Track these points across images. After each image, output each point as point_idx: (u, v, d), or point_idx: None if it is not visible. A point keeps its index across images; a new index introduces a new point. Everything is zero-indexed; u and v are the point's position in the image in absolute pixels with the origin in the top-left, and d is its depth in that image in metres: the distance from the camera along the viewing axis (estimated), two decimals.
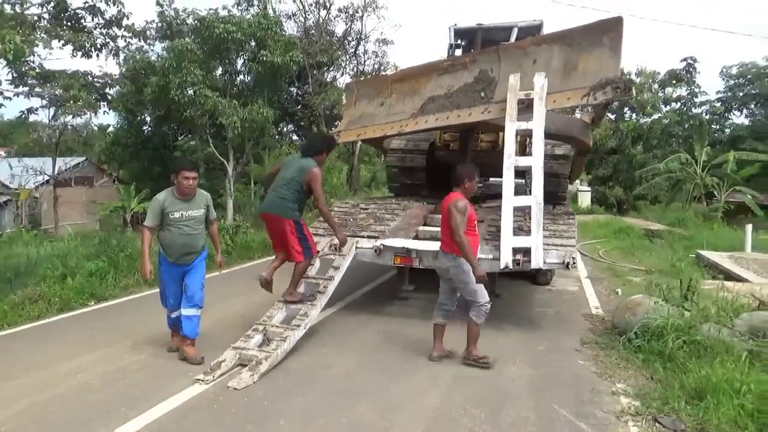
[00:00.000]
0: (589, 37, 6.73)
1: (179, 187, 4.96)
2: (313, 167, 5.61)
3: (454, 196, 5.05)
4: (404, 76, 8.47)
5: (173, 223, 4.94)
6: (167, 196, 4.98)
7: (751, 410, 3.85)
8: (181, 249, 5.00)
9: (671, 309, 5.59)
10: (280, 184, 5.65)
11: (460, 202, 4.94)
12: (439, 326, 5.36)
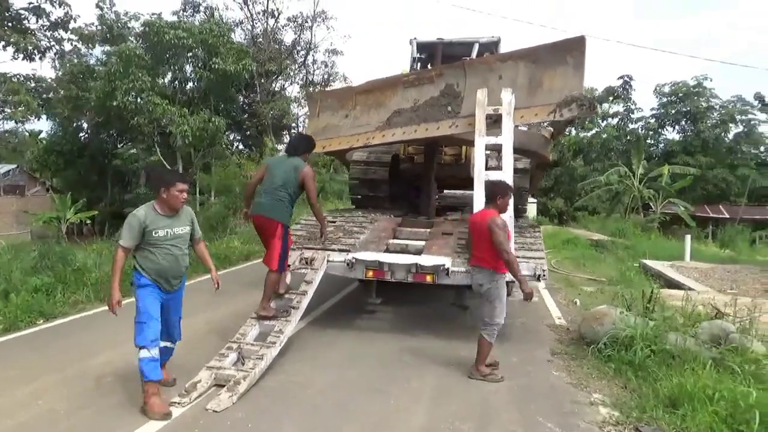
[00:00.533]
0: (554, 55, 6.93)
1: (170, 202, 4.39)
2: (305, 166, 5.67)
3: (489, 214, 5.09)
4: (369, 89, 8.46)
5: (157, 242, 4.36)
6: (148, 212, 4.36)
7: (725, 416, 4.01)
8: (168, 272, 4.46)
9: (637, 319, 5.79)
10: (276, 186, 5.58)
11: (499, 220, 4.97)
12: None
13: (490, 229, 4.94)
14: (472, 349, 5.92)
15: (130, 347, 5.73)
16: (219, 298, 8.50)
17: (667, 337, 5.44)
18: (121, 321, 6.97)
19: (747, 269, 13.50)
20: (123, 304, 4.51)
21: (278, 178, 5.61)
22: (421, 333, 6.60)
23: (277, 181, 5.59)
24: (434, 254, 6.38)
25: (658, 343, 5.38)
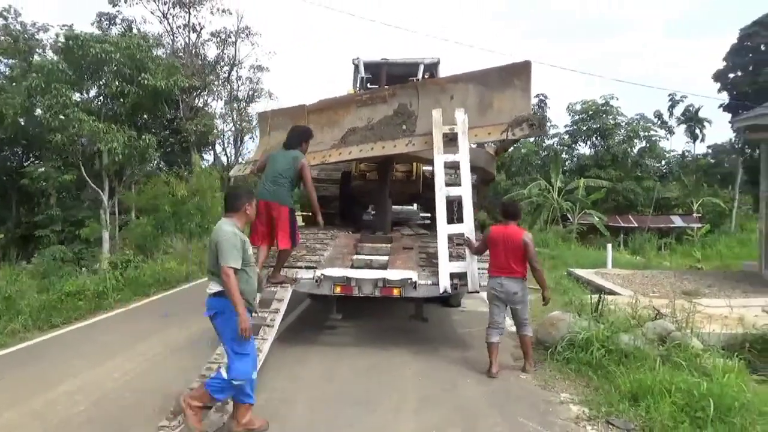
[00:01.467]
0: (502, 78, 7.38)
1: (250, 217, 4.36)
2: (303, 158, 6.26)
3: (519, 230, 5.89)
4: (322, 107, 8.61)
5: (249, 260, 4.15)
6: (236, 229, 4.12)
7: (682, 406, 4.47)
8: (255, 292, 4.29)
9: (591, 323, 6.26)
10: (276, 174, 6.12)
11: (530, 235, 5.84)
12: (495, 345, 5.85)
13: (526, 244, 5.74)
14: (442, 359, 6.19)
15: (93, 375, 5.64)
16: (169, 321, 8.33)
17: (619, 337, 5.92)
18: (71, 348, 6.80)
19: (662, 274, 14.63)
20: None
21: (279, 166, 6.19)
22: (388, 346, 6.77)
23: (278, 169, 6.16)
24: (399, 268, 6.59)
25: (611, 344, 5.85)
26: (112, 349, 6.73)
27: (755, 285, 12.29)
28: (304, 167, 6.20)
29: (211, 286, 4.15)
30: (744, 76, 31.79)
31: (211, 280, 4.18)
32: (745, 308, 8.37)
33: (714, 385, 4.59)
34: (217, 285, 4.09)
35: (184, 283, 12.54)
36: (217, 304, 4.09)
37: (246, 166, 8.82)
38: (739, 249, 21.24)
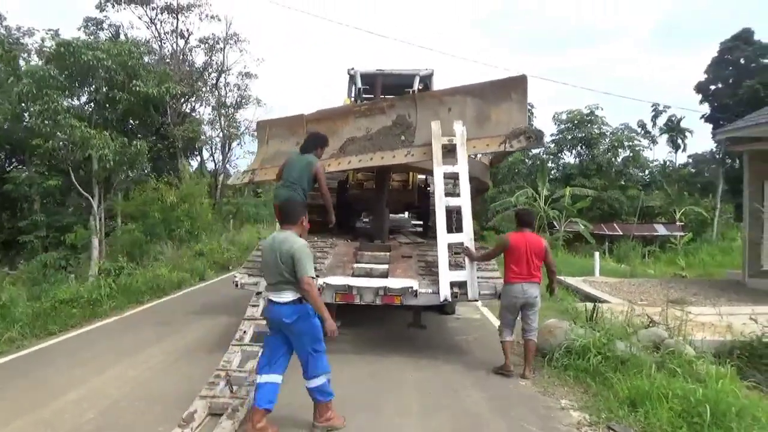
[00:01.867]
0: (499, 92, 7.55)
1: (303, 230, 4.60)
2: (316, 162, 6.71)
3: (538, 236, 6.41)
4: (320, 117, 8.72)
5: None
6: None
7: (680, 411, 4.62)
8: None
9: (587, 330, 6.43)
10: (292, 179, 6.63)
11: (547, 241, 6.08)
12: (509, 343, 6.20)
13: (547, 249, 6.15)
14: (441, 366, 6.29)
15: (98, 383, 5.66)
16: (167, 329, 8.35)
17: (615, 344, 6.08)
18: (72, 356, 6.80)
19: (648, 282, 14.92)
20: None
21: (294, 171, 6.68)
22: (388, 353, 6.86)
23: (293, 174, 6.66)
24: (399, 277, 6.71)
25: (608, 351, 6.02)
26: (113, 357, 6.75)
27: (739, 293, 12.59)
28: (318, 171, 6.71)
29: (284, 295, 4.33)
30: (725, 89, 32.53)
31: (281, 289, 4.34)
32: (733, 316, 8.61)
33: (709, 391, 4.75)
34: (291, 293, 4.32)
35: (177, 290, 12.50)
36: (296, 311, 4.31)
37: (245, 175, 8.89)
38: (721, 257, 21.67)
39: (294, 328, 4.32)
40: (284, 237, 4.42)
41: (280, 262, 4.29)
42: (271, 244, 4.43)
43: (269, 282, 4.47)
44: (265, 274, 4.58)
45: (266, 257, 4.45)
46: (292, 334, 4.37)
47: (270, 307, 4.42)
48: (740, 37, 31.60)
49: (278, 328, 4.41)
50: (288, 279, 4.29)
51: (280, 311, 4.32)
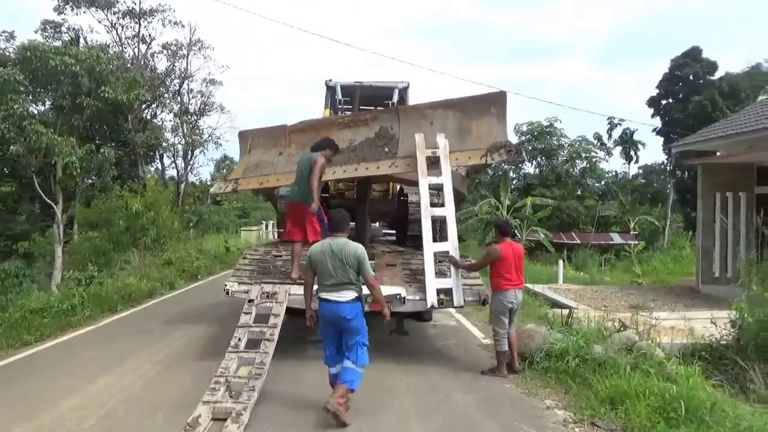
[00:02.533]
0: (479, 107, 7.91)
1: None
2: (318, 156, 6.93)
3: (518, 243, 6.88)
4: (303, 128, 8.90)
5: None
6: None
7: (657, 408, 4.98)
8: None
9: (564, 335, 6.78)
10: (301, 177, 6.98)
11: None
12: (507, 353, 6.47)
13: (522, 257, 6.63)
14: (428, 370, 6.53)
15: (92, 391, 5.68)
16: (148, 338, 8.31)
17: (592, 348, 6.45)
18: (56, 366, 6.75)
19: (608, 289, 15.54)
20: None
21: (302, 168, 7.02)
22: (374, 360, 6.94)
23: (301, 174, 7.00)
24: (386, 284, 6.91)
25: (585, 354, 6.38)
26: (100, 366, 6.73)
27: (694, 299, 13.31)
28: (316, 164, 6.87)
29: (345, 294, 4.95)
30: (675, 103, 34.05)
31: (343, 289, 4.95)
32: (691, 320, 9.15)
33: (682, 389, 5.14)
34: (353, 293, 4.98)
35: (149, 299, 12.35)
36: (356, 308, 5.00)
37: (228, 183, 8.94)
38: (672, 265, 22.66)
39: (352, 323, 4.93)
40: (343, 243, 5.01)
41: (346, 265, 4.91)
42: (331, 250, 4.96)
43: (328, 283, 4.96)
44: (322, 277, 5.01)
45: (325, 262, 4.95)
46: (348, 329, 4.95)
47: (328, 305, 4.93)
48: (690, 54, 33.24)
49: (333, 324, 4.99)
50: (351, 280, 4.92)
51: (343, 309, 4.90)
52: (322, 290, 5.04)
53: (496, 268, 6.48)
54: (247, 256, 7.93)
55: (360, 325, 5.01)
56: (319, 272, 5.06)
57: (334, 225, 5.28)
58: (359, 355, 4.98)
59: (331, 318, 4.96)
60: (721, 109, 31.20)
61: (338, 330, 5.02)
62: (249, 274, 7.13)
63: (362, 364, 5.01)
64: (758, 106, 17.06)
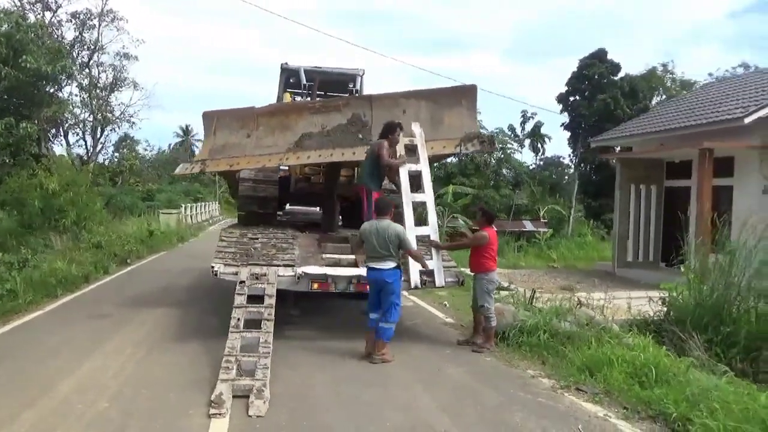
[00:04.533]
0: (450, 98, 8.34)
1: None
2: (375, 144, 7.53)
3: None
4: (273, 111, 8.93)
5: None
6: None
7: (629, 374, 5.66)
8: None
9: (531, 312, 7.40)
10: (365, 163, 7.75)
11: None
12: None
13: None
14: (412, 348, 6.90)
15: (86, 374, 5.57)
16: (108, 323, 8.00)
17: (560, 323, 7.10)
18: (28, 350, 6.42)
19: (535, 273, 16.67)
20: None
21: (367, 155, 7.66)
22: (356, 340, 7.29)
23: (367, 159, 7.66)
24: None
25: (552, 329, 7.01)
26: (76, 350, 6.48)
27: (612, 281, 14.59)
28: (379, 148, 7.37)
29: (387, 263, 6.26)
30: (582, 100, 36.41)
31: (385, 259, 6.26)
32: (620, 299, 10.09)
33: (649, 357, 5.85)
34: (393, 262, 6.29)
35: (87, 284, 11.72)
36: (395, 274, 6.32)
37: (195, 164, 8.75)
38: (577, 251, 24.55)
39: (392, 286, 6.26)
40: (387, 224, 6.33)
41: (388, 242, 6.21)
42: (377, 230, 6.28)
43: (373, 256, 6.30)
44: (369, 251, 6.34)
45: (371, 239, 6.27)
46: (386, 290, 6.25)
47: (372, 272, 6.34)
48: (596, 55, 35.62)
49: (377, 286, 6.33)
50: (391, 253, 6.26)
51: (384, 274, 6.24)
52: (369, 260, 6.39)
53: (485, 252, 6.95)
54: (224, 238, 7.85)
55: (396, 288, 6.33)
56: (367, 246, 6.38)
57: (378, 209, 6.50)
58: (393, 314, 6.28)
59: (374, 281, 6.34)
60: (622, 108, 33.81)
61: (379, 290, 6.30)
62: (232, 256, 7.13)
63: (394, 320, 6.32)
64: (668, 104, 18.82)
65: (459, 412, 4.88)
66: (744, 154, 12.86)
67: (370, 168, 7.58)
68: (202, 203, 38.35)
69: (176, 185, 45.62)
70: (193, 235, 25.55)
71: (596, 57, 36.07)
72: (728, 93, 15.29)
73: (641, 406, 5.04)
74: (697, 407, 4.70)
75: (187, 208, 31.29)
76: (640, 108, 35.18)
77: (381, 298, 6.31)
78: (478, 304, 7.01)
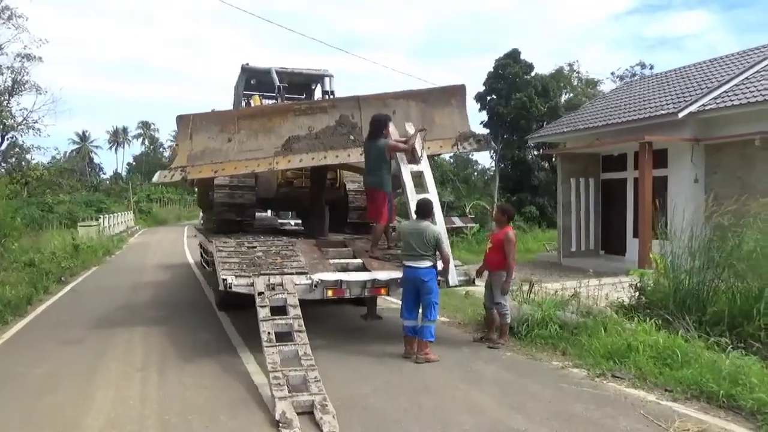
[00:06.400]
0: (440, 98, 8.39)
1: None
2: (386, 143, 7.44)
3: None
4: (254, 114, 8.60)
5: None
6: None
7: (654, 357, 5.95)
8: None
9: (532, 306, 7.59)
10: (372, 165, 7.59)
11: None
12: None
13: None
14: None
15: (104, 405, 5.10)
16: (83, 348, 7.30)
17: (564, 315, 7.34)
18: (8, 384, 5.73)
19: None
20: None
21: (372, 157, 7.56)
22: (369, 343, 7.17)
23: (371, 160, 7.57)
24: (378, 269, 7.08)
25: (558, 320, 7.23)
26: (74, 379, 5.86)
27: (561, 270, 15.36)
28: (391, 148, 7.45)
29: (424, 263, 6.39)
30: (499, 99, 37.87)
31: (423, 259, 6.39)
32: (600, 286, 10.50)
33: (669, 341, 6.16)
34: (429, 261, 6.41)
35: (31, 306, 10.63)
36: (431, 272, 6.44)
37: (173, 172, 8.17)
38: None
39: (429, 285, 6.38)
40: (426, 225, 6.51)
41: (426, 242, 6.36)
42: (417, 230, 6.46)
43: (411, 254, 6.41)
44: (407, 249, 6.47)
45: (410, 238, 6.43)
46: (424, 289, 6.36)
47: (411, 271, 6.43)
48: (511, 55, 37.19)
49: (414, 285, 6.42)
50: (429, 253, 6.39)
51: (422, 273, 6.36)
52: (407, 259, 6.50)
53: (507, 251, 7.00)
54: (222, 249, 7.40)
55: (434, 286, 6.45)
56: (404, 245, 6.58)
57: (420, 210, 6.63)
58: (433, 312, 6.39)
59: (412, 279, 6.43)
60: (536, 106, 35.57)
61: (416, 289, 6.41)
62: (240, 267, 6.74)
63: (434, 318, 6.42)
64: (598, 102, 19.91)
65: (522, 407, 4.92)
66: (677, 146, 13.92)
67: (381, 169, 7.51)
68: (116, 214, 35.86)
69: (75, 195, 42.39)
70: (117, 247, 23.94)
71: (511, 57, 37.63)
72: (656, 89, 16.48)
73: (681, 387, 5.29)
74: (737, 384, 5.03)
75: (105, 219, 29.26)
76: (551, 105, 37.18)
77: (420, 297, 6.43)
78: (494, 301, 7.09)
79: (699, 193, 13.49)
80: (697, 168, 13.70)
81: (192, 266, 16.47)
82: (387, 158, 7.52)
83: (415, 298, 6.48)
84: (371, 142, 7.53)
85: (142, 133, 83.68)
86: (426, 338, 6.34)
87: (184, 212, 52.87)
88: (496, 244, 7.16)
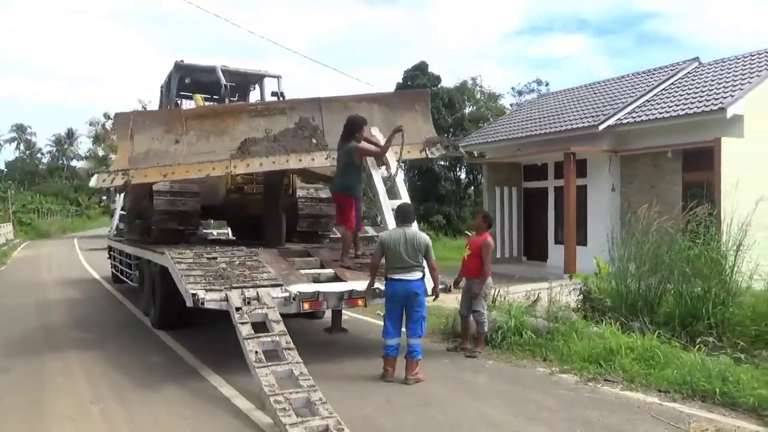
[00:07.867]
0: (403, 102, 8.22)
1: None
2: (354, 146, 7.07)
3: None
4: (204, 113, 8.00)
5: None
6: None
7: (639, 359, 6.08)
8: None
9: (499, 313, 7.57)
10: (341, 168, 7.23)
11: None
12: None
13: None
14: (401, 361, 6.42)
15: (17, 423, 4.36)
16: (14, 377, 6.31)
17: (535, 321, 7.37)
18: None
19: None
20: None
21: (341, 162, 7.19)
22: (343, 358, 6.78)
23: (341, 164, 7.21)
24: (353, 279, 6.72)
25: (530, 327, 7.24)
26: (17, 418, 4.98)
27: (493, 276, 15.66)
28: (356, 150, 7.05)
29: (415, 274, 5.86)
30: None
31: (414, 270, 5.86)
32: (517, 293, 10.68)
33: (646, 342, 6.34)
34: (420, 273, 5.89)
35: None
36: (422, 285, 5.93)
37: (115, 175, 7.29)
38: None
39: (420, 298, 5.87)
40: (414, 232, 5.99)
41: (417, 250, 5.84)
42: (405, 238, 5.85)
43: (399, 266, 5.81)
44: (395, 261, 5.84)
45: (398, 248, 5.80)
46: (413, 303, 5.84)
47: (401, 284, 5.82)
48: (419, 67, 38.01)
49: (403, 299, 5.86)
50: (419, 263, 5.88)
51: (413, 286, 5.82)
52: (394, 272, 5.86)
53: (485, 258, 6.90)
54: (181, 260, 6.64)
55: (424, 300, 5.96)
56: (391, 256, 5.87)
57: (405, 215, 6.10)
58: (422, 327, 5.89)
59: (403, 293, 5.83)
60: (444, 117, 36.58)
61: (404, 305, 5.88)
62: (206, 279, 6.09)
63: (422, 335, 5.93)
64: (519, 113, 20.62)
65: (536, 417, 4.81)
66: (596, 157, 14.73)
67: (349, 174, 7.15)
68: None
69: None
70: (0, 263, 21.42)
71: (419, 69, 38.43)
72: (572, 104, 17.38)
73: (673, 387, 5.42)
74: (726, 382, 5.23)
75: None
76: (457, 117, 38.45)
77: (407, 312, 5.91)
78: (471, 309, 6.96)
79: (616, 201, 14.37)
80: (614, 177, 14.55)
81: (102, 282, 14.98)
82: (356, 162, 7.15)
83: (399, 315, 5.97)
84: (342, 145, 7.18)
85: (16, 137, 76.01)
86: (416, 357, 5.82)
87: (67, 223, 48.54)
88: (474, 250, 7.05)
